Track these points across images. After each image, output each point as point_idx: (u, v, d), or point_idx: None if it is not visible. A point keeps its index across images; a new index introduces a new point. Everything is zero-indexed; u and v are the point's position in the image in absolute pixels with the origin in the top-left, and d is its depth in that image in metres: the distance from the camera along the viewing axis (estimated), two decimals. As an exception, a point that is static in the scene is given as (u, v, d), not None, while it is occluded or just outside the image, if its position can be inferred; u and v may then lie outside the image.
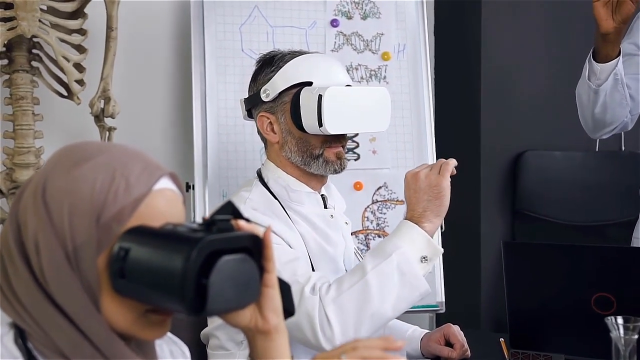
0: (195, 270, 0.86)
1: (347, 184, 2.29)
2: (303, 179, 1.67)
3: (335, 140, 1.65)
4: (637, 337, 1.24)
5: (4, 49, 2.07)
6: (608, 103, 1.97)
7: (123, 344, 0.93)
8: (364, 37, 2.41)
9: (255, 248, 0.95)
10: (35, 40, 2.13)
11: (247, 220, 0.98)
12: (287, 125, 1.65)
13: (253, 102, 1.69)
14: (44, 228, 0.91)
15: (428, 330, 1.81)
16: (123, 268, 0.89)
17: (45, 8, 2.09)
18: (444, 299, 2.36)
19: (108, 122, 2.22)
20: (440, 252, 1.53)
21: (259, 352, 1.00)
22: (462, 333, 1.75)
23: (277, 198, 1.64)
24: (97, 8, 2.15)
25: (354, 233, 2.30)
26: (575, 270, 1.58)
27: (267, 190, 1.65)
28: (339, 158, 1.66)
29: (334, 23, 2.39)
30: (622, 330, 1.24)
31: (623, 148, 2.97)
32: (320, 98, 1.57)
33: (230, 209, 0.97)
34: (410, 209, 1.53)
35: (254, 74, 1.71)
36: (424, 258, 1.50)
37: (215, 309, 0.90)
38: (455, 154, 1.57)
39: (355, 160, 2.34)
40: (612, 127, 2.04)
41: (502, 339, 1.76)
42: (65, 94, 2.19)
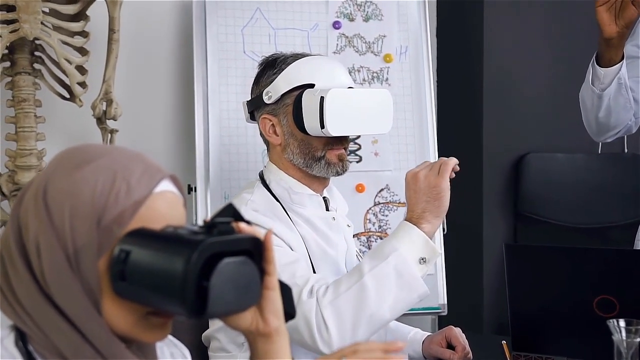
0: (196, 273, 0.86)
1: (349, 186, 2.28)
2: (305, 181, 1.67)
3: (338, 143, 1.65)
4: (639, 340, 1.23)
5: (7, 52, 2.07)
6: (612, 107, 1.96)
7: (124, 347, 0.93)
8: (366, 39, 2.41)
9: (256, 251, 0.95)
10: (38, 43, 2.13)
11: (248, 223, 0.97)
12: (289, 128, 1.65)
13: (255, 104, 1.69)
14: (45, 230, 0.91)
15: (430, 333, 1.81)
16: (124, 270, 0.89)
17: (48, 10, 2.09)
18: (446, 301, 2.35)
19: (110, 124, 2.22)
20: (439, 253, 1.52)
21: (260, 354, 1.00)
22: (463, 335, 1.75)
23: (279, 200, 1.64)
24: (99, 10, 2.16)
25: (356, 235, 2.30)
26: (578, 273, 1.58)
27: (269, 192, 1.65)
28: (341, 160, 1.66)
29: (336, 25, 2.39)
30: (624, 333, 1.23)
31: (626, 150, 2.97)
32: (323, 100, 1.57)
33: (231, 212, 0.98)
34: (410, 210, 1.53)
35: (257, 77, 1.71)
36: (422, 259, 1.49)
37: (216, 312, 0.90)
38: (458, 156, 1.56)
39: (357, 163, 2.34)
40: (616, 130, 2.03)
41: (504, 342, 1.76)
42: (68, 96, 2.19)
